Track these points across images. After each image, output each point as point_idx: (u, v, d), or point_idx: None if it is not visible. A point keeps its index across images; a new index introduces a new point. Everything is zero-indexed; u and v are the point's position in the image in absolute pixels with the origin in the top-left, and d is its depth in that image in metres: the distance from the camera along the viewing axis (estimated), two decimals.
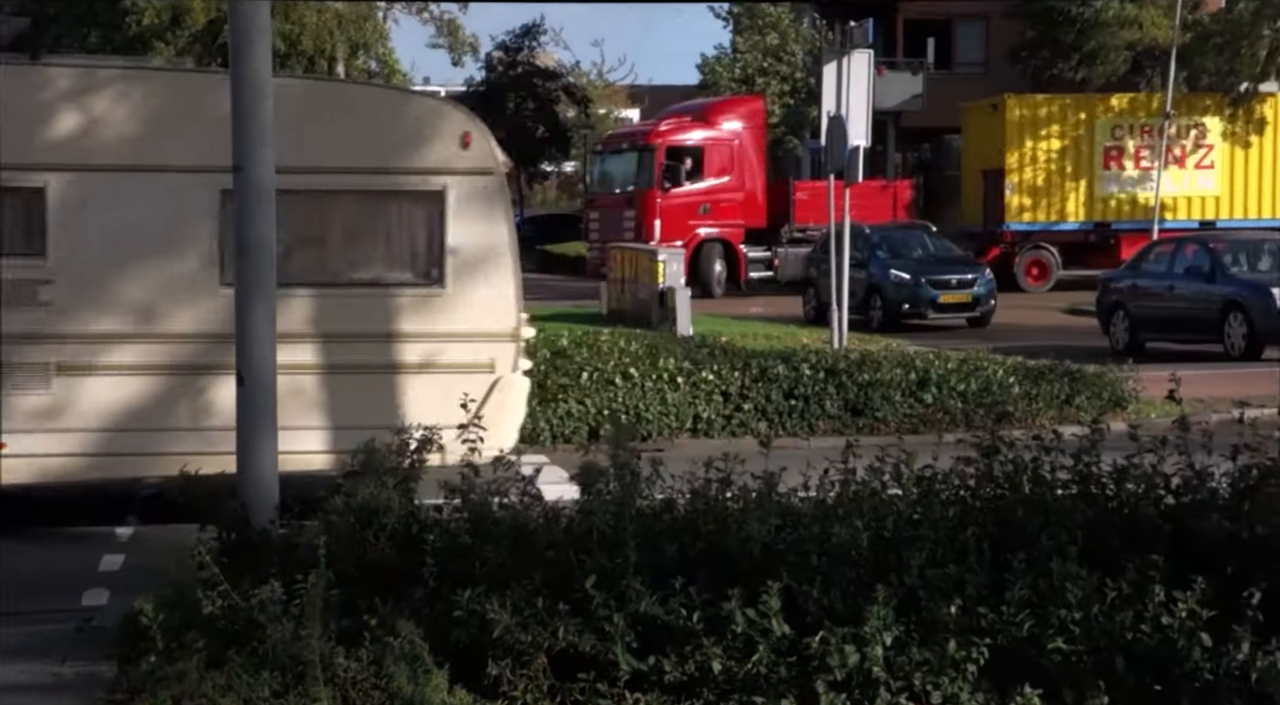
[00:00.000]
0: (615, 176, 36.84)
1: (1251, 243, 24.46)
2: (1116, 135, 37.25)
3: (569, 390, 14.91)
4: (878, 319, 27.14)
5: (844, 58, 20.05)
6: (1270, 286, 21.48)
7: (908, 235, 30.37)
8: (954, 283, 27.64)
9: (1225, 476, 6.58)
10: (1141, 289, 23.37)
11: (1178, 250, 23.83)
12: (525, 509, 6.85)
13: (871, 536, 6.29)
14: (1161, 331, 22.95)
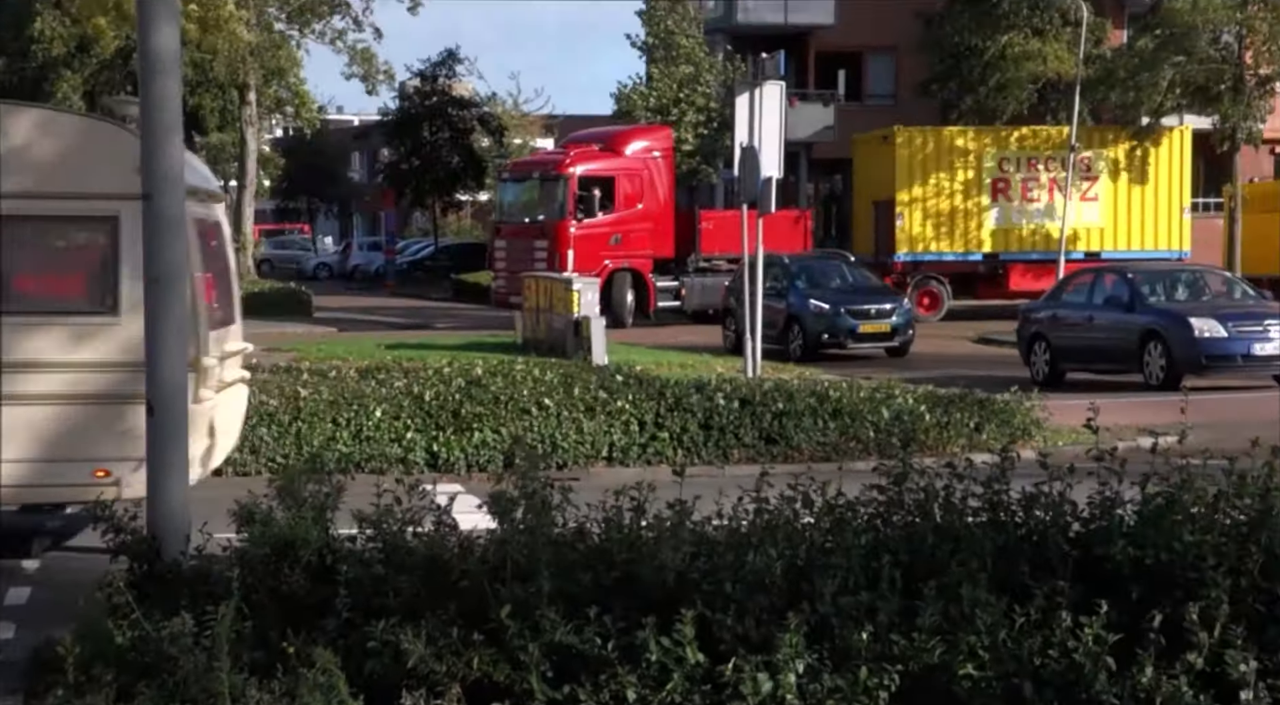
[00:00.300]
0: (525, 205, 36.31)
1: (1169, 273, 24.81)
2: (1004, 167, 37.89)
3: (484, 419, 14.90)
4: (797, 349, 27.28)
5: (756, 89, 20.24)
6: (1188, 316, 21.69)
7: (826, 265, 30.60)
8: (873, 312, 27.77)
9: (1130, 504, 6.69)
10: (1061, 319, 23.54)
11: (1097, 281, 24.01)
12: (440, 538, 6.84)
13: (784, 564, 6.33)
14: (1081, 361, 23.11)
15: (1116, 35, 41.38)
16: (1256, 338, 21.59)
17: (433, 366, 18.01)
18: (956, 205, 37.74)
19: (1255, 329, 21.68)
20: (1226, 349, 21.43)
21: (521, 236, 35.29)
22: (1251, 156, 39.79)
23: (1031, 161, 37.99)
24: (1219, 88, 34.60)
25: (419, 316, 40.00)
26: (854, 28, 49.51)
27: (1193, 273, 24.93)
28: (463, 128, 58.89)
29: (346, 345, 28.18)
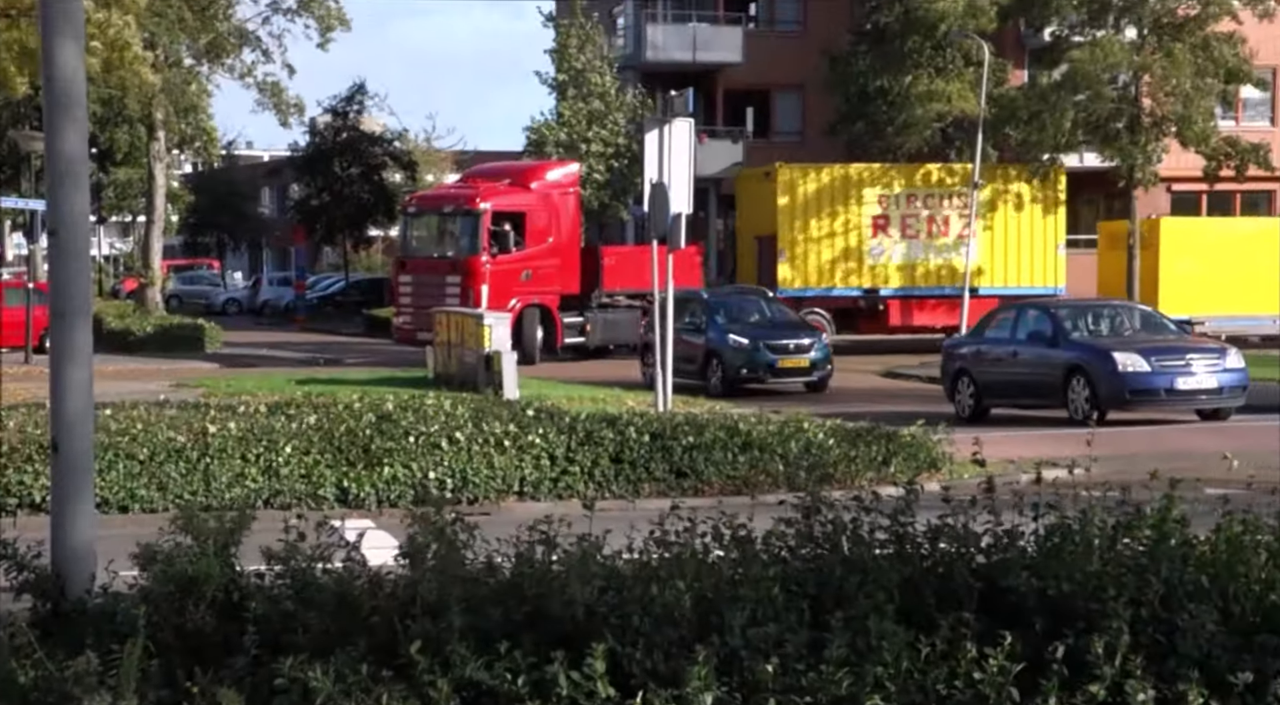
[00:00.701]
0: (433, 240, 35.76)
1: (1092, 308, 24.92)
2: (884, 204, 38.37)
3: (395, 454, 14.84)
4: (717, 384, 27.42)
5: (665, 126, 20.37)
6: (1112, 351, 21.73)
7: (745, 301, 30.69)
8: (791, 347, 27.91)
9: (1033, 535, 6.79)
10: (985, 355, 23.59)
11: (1020, 316, 24.09)
12: (349, 575, 6.81)
13: (694, 597, 6.36)
14: (1006, 397, 23.08)
15: (1017, 75, 42.09)
16: (1179, 372, 21.68)
17: (343, 401, 17.92)
18: (838, 241, 38.17)
19: (1178, 363, 21.77)
20: (1150, 383, 21.45)
21: (430, 272, 34.67)
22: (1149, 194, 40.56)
23: (911, 198, 38.51)
24: (1117, 127, 35.27)
25: (330, 351, 39.73)
26: (762, 66, 50.04)
27: (1115, 308, 24.93)
28: (373, 163, 58.74)
29: (256, 380, 27.96)
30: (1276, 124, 45.74)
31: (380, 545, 7.43)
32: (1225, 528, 6.79)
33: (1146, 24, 35.23)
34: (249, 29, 44.72)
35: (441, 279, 34.26)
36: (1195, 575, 6.38)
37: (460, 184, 37.50)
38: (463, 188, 36.77)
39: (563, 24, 46.05)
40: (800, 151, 45.30)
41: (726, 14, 51.38)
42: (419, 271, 35.10)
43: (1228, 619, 6.18)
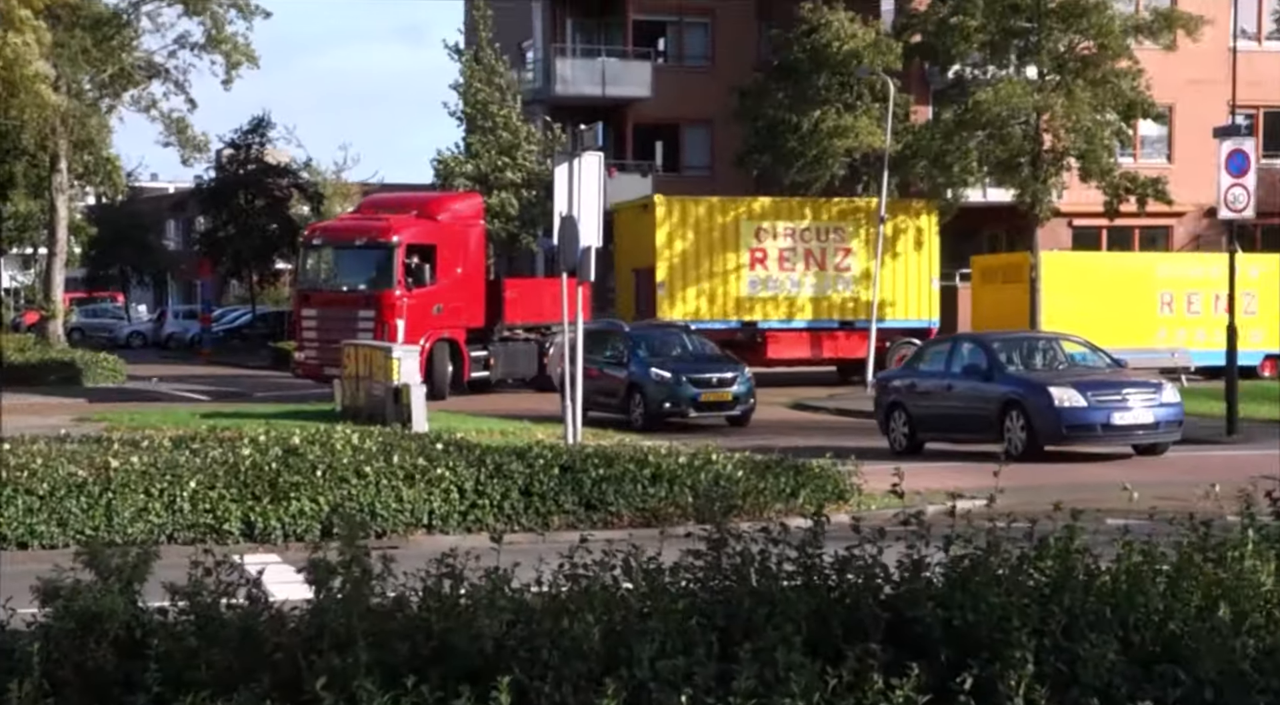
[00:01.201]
0: (341, 273, 34.46)
1: (1026, 341, 24.69)
2: (761, 236, 38.56)
3: (301, 488, 14.70)
4: (639, 418, 27.04)
5: (575, 159, 20.42)
6: (1048, 385, 21.44)
7: (667, 334, 30.45)
8: (714, 381, 27.57)
9: (940, 566, 6.85)
10: (919, 388, 23.22)
11: (954, 349, 23.75)
12: (254, 610, 6.73)
13: (602, 630, 6.35)
14: (941, 431, 22.73)
15: (921, 111, 42.60)
16: (1116, 407, 21.46)
17: (249, 435, 17.74)
18: (716, 273, 38.27)
19: (1114, 398, 21.55)
20: (1086, 419, 21.24)
21: (339, 305, 33.61)
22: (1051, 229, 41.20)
23: (789, 231, 38.70)
24: (1019, 162, 35.81)
25: (236, 385, 39.33)
26: (671, 101, 50.33)
27: (1050, 341, 24.63)
28: (279, 195, 58.39)
29: (160, 414, 27.61)
30: (1173, 161, 46.65)
31: (286, 580, 7.36)
32: (1125, 558, 6.89)
33: (1046, 63, 35.83)
34: (156, 62, 44.33)
35: (353, 313, 33.09)
36: (1097, 605, 6.47)
37: (369, 215, 36.30)
38: (372, 219, 35.41)
39: (469, 57, 46.05)
40: (709, 185, 45.56)
41: (635, 49, 51.65)
42: (326, 305, 33.93)
43: (1128, 648, 6.26)
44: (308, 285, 35.04)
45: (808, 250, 38.65)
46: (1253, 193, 32.52)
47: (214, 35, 43.49)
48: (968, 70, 37.67)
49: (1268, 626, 6.50)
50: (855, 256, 38.98)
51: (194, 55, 44.04)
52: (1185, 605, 6.57)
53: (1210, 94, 44.06)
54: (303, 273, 35.59)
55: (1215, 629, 6.33)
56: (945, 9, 36.86)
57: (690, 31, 53.19)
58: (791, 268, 38.58)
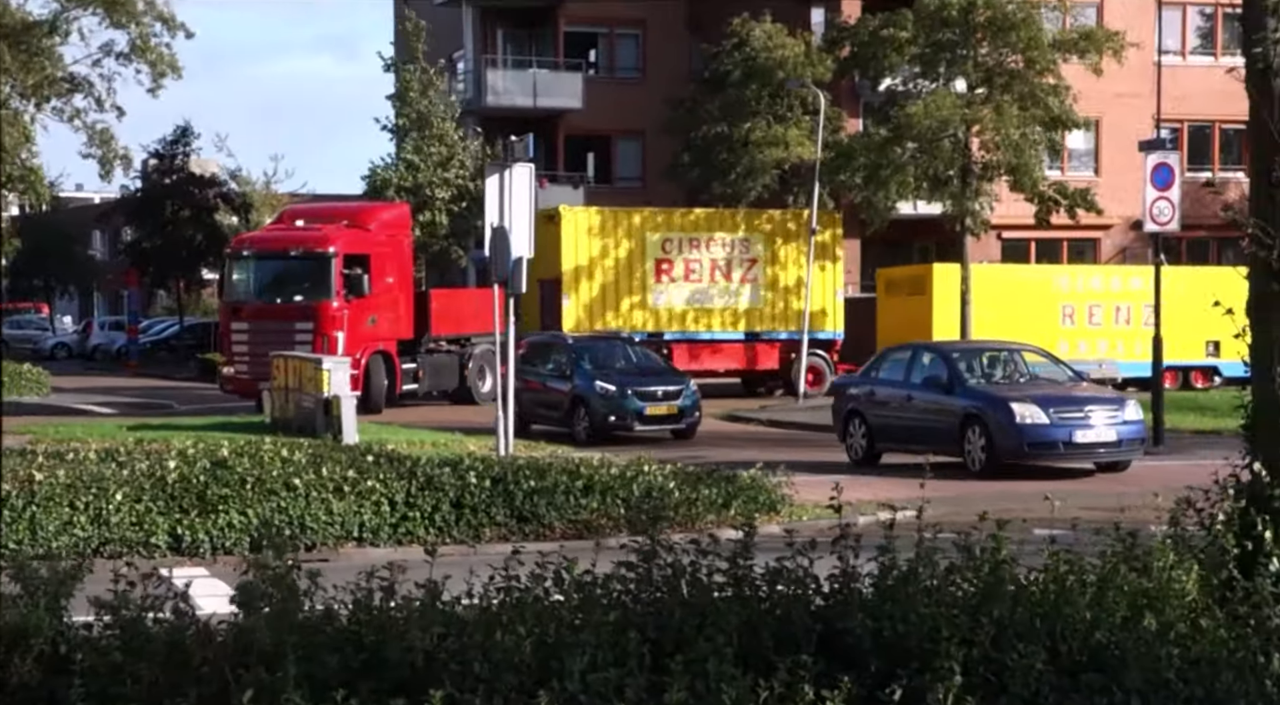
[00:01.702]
0: (273, 284, 33.37)
1: (988, 351, 24.05)
2: (666, 248, 38.54)
3: (230, 500, 14.57)
4: (583, 431, 26.51)
5: (506, 170, 20.39)
6: (1009, 401, 20.87)
7: (611, 346, 29.77)
8: (660, 394, 27.07)
9: (869, 577, 6.88)
10: (878, 397, 22.67)
11: (914, 358, 23.12)
12: (181, 624, 6.66)
13: (534, 643, 6.34)
14: (899, 441, 22.12)
15: (853, 123, 42.86)
16: (1078, 425, 20.95)
17: (177, 447, 17.57)
18: (622, 284, 38.19)
19: (1077, 416, 21.03)
20: (1048, 436, 20.72)
21: (273, 318, 32.52)
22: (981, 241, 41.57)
23: (694, 242, 38.66)
24: (949, 175, 36.09)
25: (163, 396, 38.96)
26: (602, 112, 50.40)
27: (1011, 351, 23.93)
28: (204, 205, 57.94)
29: (86, 426, 27.30)
30: (1100, 174, 47.19)
31: (214, 593, 7.29)
32: (1052, 568, 6.96)
33: (975, 77, 36.17)
34: (79, 73, 43.84)
35: (289, 325, 31.97)
36: (1024, 615, 6.53)
37: (300, 225, 35.60)
38: (306, 229, 34.38)
39: (403, 69, 45.91)
40: (641, 196, 45.63)
41: (566, 60, 51.66)
42: (258, 318, 32.69)
43: (1055, 658, 6.33)
44: (237, 298, 33.59)
45: (714, 262, 38.60)
46: (1177, 206, 32.95)
47: (139, 45, 43.05)
48: (899, 83, 37.93)
49: (1192, 636, 6.58)
50: (761, 268, 38.92)
51: (119, 64, 43.57)
52: (1111, 615, 6.64)
53: (1136, 108, 44.63)
54: (230, 285, 34.00)
55: (1141, 638, 6.41)
56: (876, 22, 37.10)
57: (621, 43, 53.30)
58: (698, 279, 38.48)
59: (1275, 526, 7.55)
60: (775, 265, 38.96)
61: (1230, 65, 8.71)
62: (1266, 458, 7.96)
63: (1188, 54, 48.42)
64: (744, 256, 38.78)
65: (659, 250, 38.31)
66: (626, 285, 38.10)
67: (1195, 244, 47.35)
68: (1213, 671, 6.24)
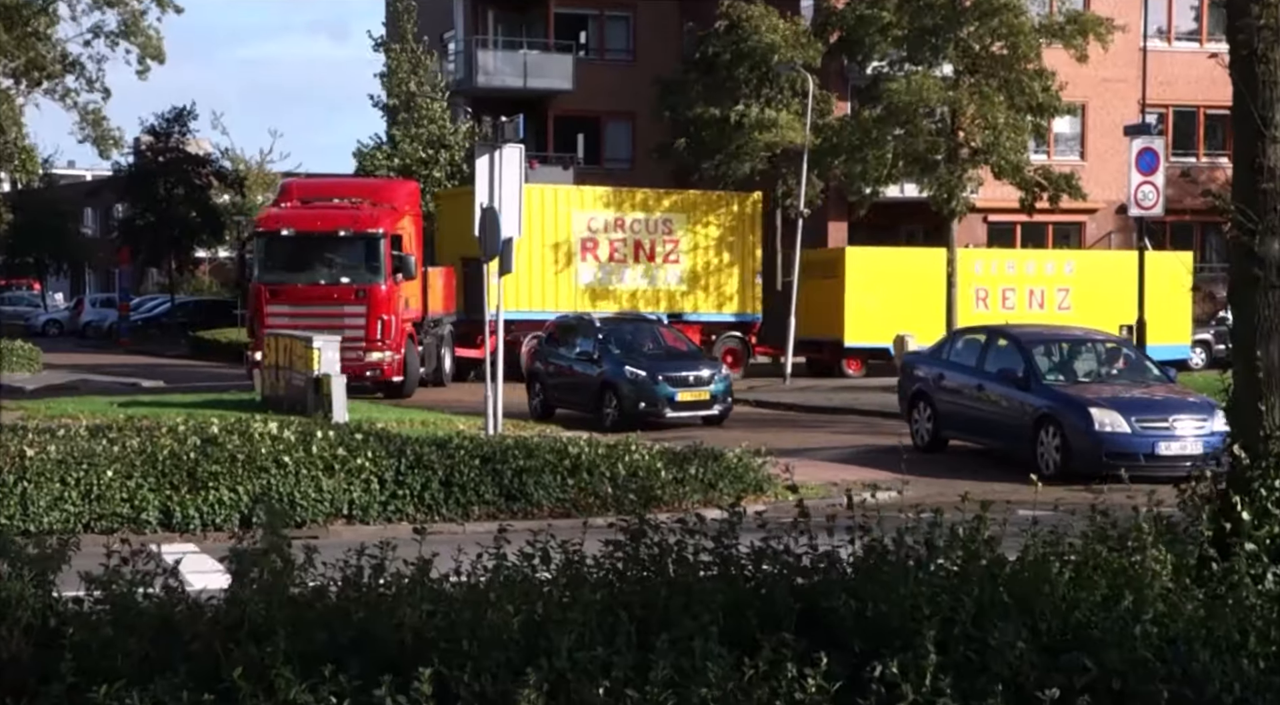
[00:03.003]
0: (315, 265, 31.57)
1: (1071, 342, 22.08)
2: (592, 227, 38.23)
3: (220, 477, 14.65)
4: (612, 418, 25.50)
5: (496, 151, 20.43)
6: (1089, 405, 19.13)
7: (640, 328, 28.88)
8: (691, 380, 26.07)
9: (851, 557, 6.97)
10: (948, 382, 21.38)
11: (989, 343, 21.51)
12: (171, 599, 6.73)
13: (522, 621, 6.41)
14: (967, 432, 21.02)
15: (841, 106, 42.88)
16: (1162, 435, 18.97)
17: (167, 424, 17.62)
18: (548, 264, 37.79)
19: (1161, 425, 19.08)
20: (1129, 446, 18.60)
21: (320, 301, 30.86)
22: (967, 224, 41.66)
23: (619, 222, 38.29)
24: (935, 158, 36.14)
25: (155, 374, 38.94)
26: (592, 94, 50.39)
27: (1096, 343, 22.04)
28: (199, 184, 57.85)
29: (77, 403, 27.32)
30: (1086, 158, 47.27)
31: (204, 569, 7.36)
32: (1032, 548, 7.04)
33: (959, 61, 36.19)
34: (71, 52, 43.70)
35: (338, 308, 30.72)
36: (1005, 595, 6.61)
37: (350, 205, 33.16)
38: (351, 208, 32.91)
39: (393, 49, 45.83)
40: (630, 178, 45.61)
41: (557, 42, 51.62)
42: (303, 300, 30.95)
43: (1036, 637, 6.41)
44: (275, 279, 31.53)
45: (638, 242, 38.26)
46: (1162, 190, 33.03)
47: (129, 25, 42.92)
48: (886, 67, 37.94)
49: (1170, 615, 6.67)
50: (683, 249, 38.67)
51: (108, 46, 43.42)
52: (1090, 594, 6.73)
53: (1122, 93, 44.74)
54: (264, 265, 31.93)
55: (1119, 617, 6.49)
56: (863, 5, 37.10)
57: (612, 25, 53.25)
58: (623, 259, 38.01)
59: (1253, 508, 7.64)
60: (698, 246, 38.76)
61: (1215, 51, 8.78)
62: (1245, 440, 8.06)
63: (1174, 39, 48.48)
64: (667, 237, 38.48)
65: (585, 229, 37.89)
66: (554, 264, 37.72)
67: (1179, 228, 47.49)
68: (1190, 650, 6.33)
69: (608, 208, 38.45)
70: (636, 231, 38.37)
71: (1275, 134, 8.13)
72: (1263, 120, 8.13)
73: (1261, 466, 7.88)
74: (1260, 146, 8.16)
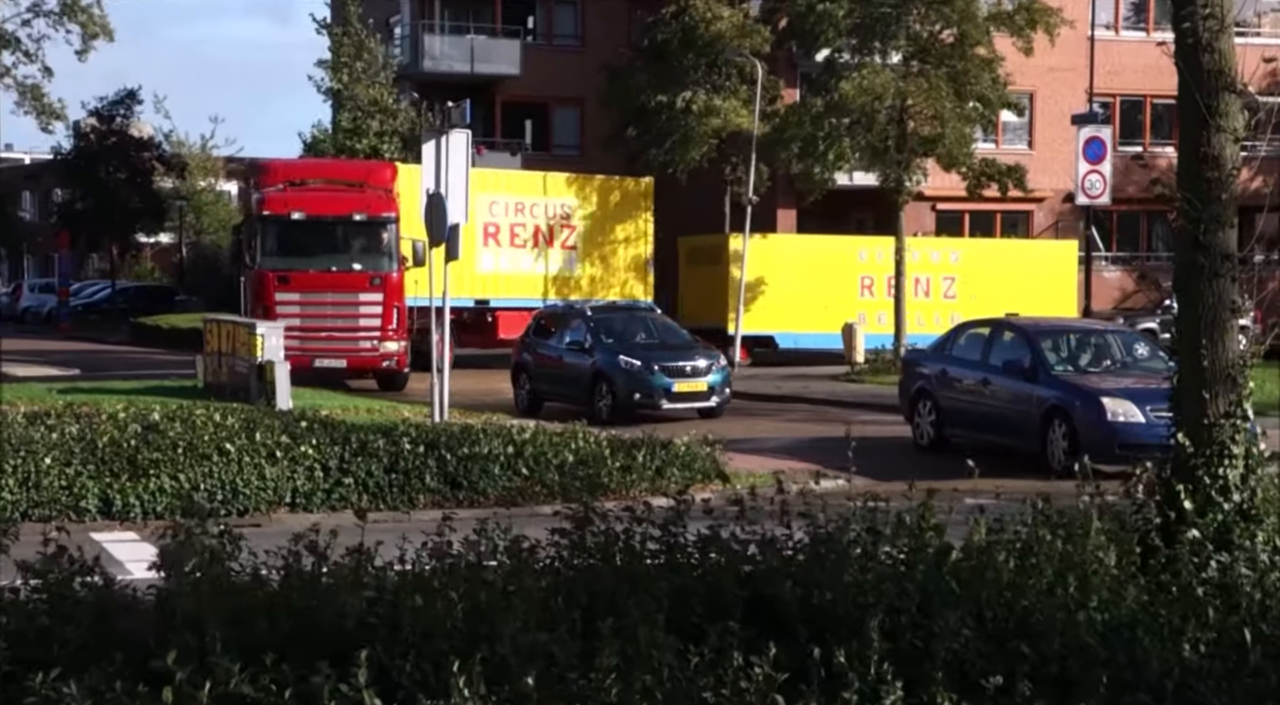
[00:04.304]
0: (332, 250, 30.37)
1: (1078, 332, 21.49)
2: (494, 211, 37.41)
3: (161, 465, 14.50)
4: (605, 409, 24.37)
5: (443, 137, 20.31)
6: (1100, 395, 18.26)
7: (633, 317, 27.66)
8: (688, 370, 24.94)
9: (796, 545, 6.95)
10: (951, 376, 20.55)
11: (994, 336, 20.71)
12: (109, 588, 6.64)
13: (465, 608, 6.37)
14: (972, 429, 20.06)
15: (789, 93, 42.90)
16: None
17: (107, 411, 17.43)
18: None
19: None
20: (1144, 436, 16.90)
21: (333, 288, 29.72)
22: (916, 213, 41.81)
23: (519, 206, 37.38)
24: (885, 146, 36.22)
25: (96, 361, 38.57)
26: (540, 80, 50.19)
27: (1103, 334, 21.21)
28: (141, 168, 57.33)
29: (14, 389, 27.01)
30: (1034, 147, 47.50)
31: (144, 558, 7.27)
32: (976, 535, 7.05)
33: (910, 51, 36.25)
34: (8, 30, 43.22)
35: (353, 297, 29.59)
36: (950, 582, 6.61)
37: (359, 187, 31.73)
38: (362, 192, 31.45)
39: (336, 31, 45.51)
40: (579, 164, 45.47)
41: (505, 26, 51.37)
42: (315, 288, 29.74)
43: (981, 624, 6.41)
44: (283, 265, 30.01)
45: (537, 227, 37.54)
46: (1109, 179, 33.28)
47: (69, 4, 42.48)
48: (835, 55, 37.96)
49: (1114, 602, 6.69)
50: (580, 234, 38.07)
51: (49, 25, 42.96)
52: (1035, 581, 6.74)
53: (1070, 82, 44.98)
54: (269, 250, 30.27)
55: (1063, 604, 6.51)
56: None
57: (560, 10, 53.07)
58: (522, 244, 37.10)
59: (1196, 496, 7.68)
60: (594, 231, 38.47)
61: (1162, 40, 8.80)
62: (1189, 428, 8.10)
63: (1120, 28, 48.77)
64: (564, 222, 37.91)
65: (487, 213, 37.20)
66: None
67: (1126, 217, 47.83)
68: (1133, 636, 6.35)
69: (508, 190, 37.79)
70: (537, 216, 37.68)
71: (1220, 123, 8.17)
72: (1208, 109, 8.16)
73: (1205, 455, 7.92)
74: (1205, 136, 8.19)
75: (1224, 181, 8.18)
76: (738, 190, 39.96)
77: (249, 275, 30.99)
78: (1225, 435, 7.99)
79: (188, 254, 65.93)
